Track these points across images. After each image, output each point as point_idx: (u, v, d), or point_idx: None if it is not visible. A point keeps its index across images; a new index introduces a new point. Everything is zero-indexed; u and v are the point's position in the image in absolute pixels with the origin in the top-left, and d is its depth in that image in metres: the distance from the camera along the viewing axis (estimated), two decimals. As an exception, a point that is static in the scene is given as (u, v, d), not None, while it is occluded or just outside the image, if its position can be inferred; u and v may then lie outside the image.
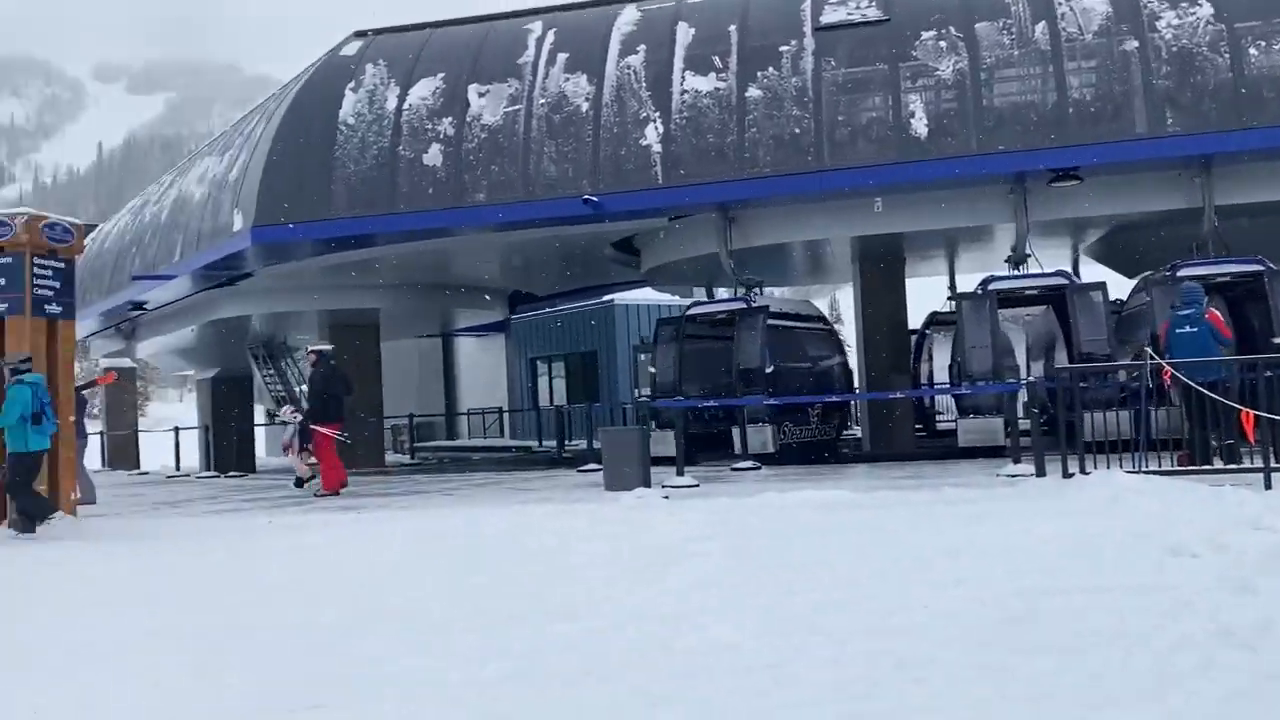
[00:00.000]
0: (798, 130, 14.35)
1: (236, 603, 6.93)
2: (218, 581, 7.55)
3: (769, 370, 14.77)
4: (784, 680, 4.87)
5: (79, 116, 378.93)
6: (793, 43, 14.67)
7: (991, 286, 14.74)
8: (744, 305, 15.78)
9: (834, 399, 15.75)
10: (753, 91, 14.49)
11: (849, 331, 21.89)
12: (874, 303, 17.64)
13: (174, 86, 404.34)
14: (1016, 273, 15.41)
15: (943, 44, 14.24)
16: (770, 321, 15.36)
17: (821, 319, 17.23)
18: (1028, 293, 15.62)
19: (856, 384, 19.34)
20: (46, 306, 11.16)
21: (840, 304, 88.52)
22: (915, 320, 19.88)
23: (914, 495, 8.85)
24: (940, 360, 19.46)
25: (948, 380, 17.61)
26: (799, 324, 16.68)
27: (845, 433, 18.34)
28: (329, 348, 14.16)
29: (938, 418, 20.46)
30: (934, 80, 14.15)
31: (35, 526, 10.32)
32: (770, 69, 14.53)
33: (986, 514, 7.57)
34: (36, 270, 11.02)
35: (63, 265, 11.47)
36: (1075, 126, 13.97)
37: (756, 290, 16.65)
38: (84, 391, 14.66)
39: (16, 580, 8.09)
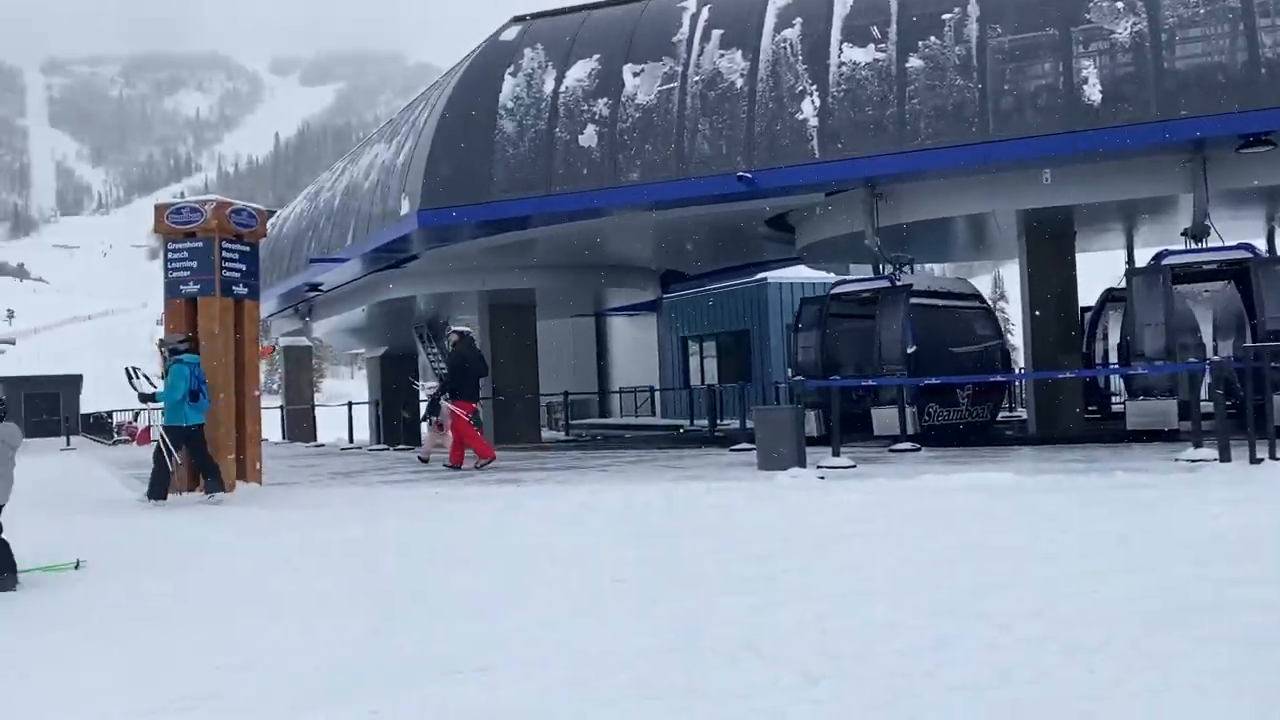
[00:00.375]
0: (960, 100, 13.86)
1: (406, 567, 7.28)
2: (388, 547, 7.94)
3: (910, 350, 14.43)
4: (945, 663, 4.78)
5: (257, 108, 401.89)
6: (956, 10, 14.15)
7: (1165, 261, 13.91)
8: (887, 284, 15.37)
9: (982, 379, 15.09)
10: (913, 62, 14.07)
11: (1014, 310, 21.02)
12: (1041, 279, 16.89)
13: (343, 77, 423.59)
14: (1194, 246, 14.47)
15: (1119, 5, 13.45)
16: (915, 300, 14.95)
17: (975, 297, 16.55)
18: (1206, 267, 14.63)
19: (1021, 363, 18.63)
20: (234, 288, 11.92)
21: (1005, 281, 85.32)
22: (1086, 297, 18.95)
23: (1083, 479, 8.48)
24: (1116, 339, 18.48)
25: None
26: (949, 302, 16.10)
27: (1002, 414, 17.57)
28: (468, 329, 14.66)
29: (1113, 399, 19.46)
30: (1109, 44, 13.37)
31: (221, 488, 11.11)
32: (932, 38, 14.06)
33: (1163, 500, 7.20)
34: (225, 254, 11.78)
35: (248, 249, 12.23)
36: (1268, 88, 12.97)
37: (905, 268, 16.24)
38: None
39: (212, 544, 8.71)
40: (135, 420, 29.87)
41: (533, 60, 16.98)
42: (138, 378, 11.70)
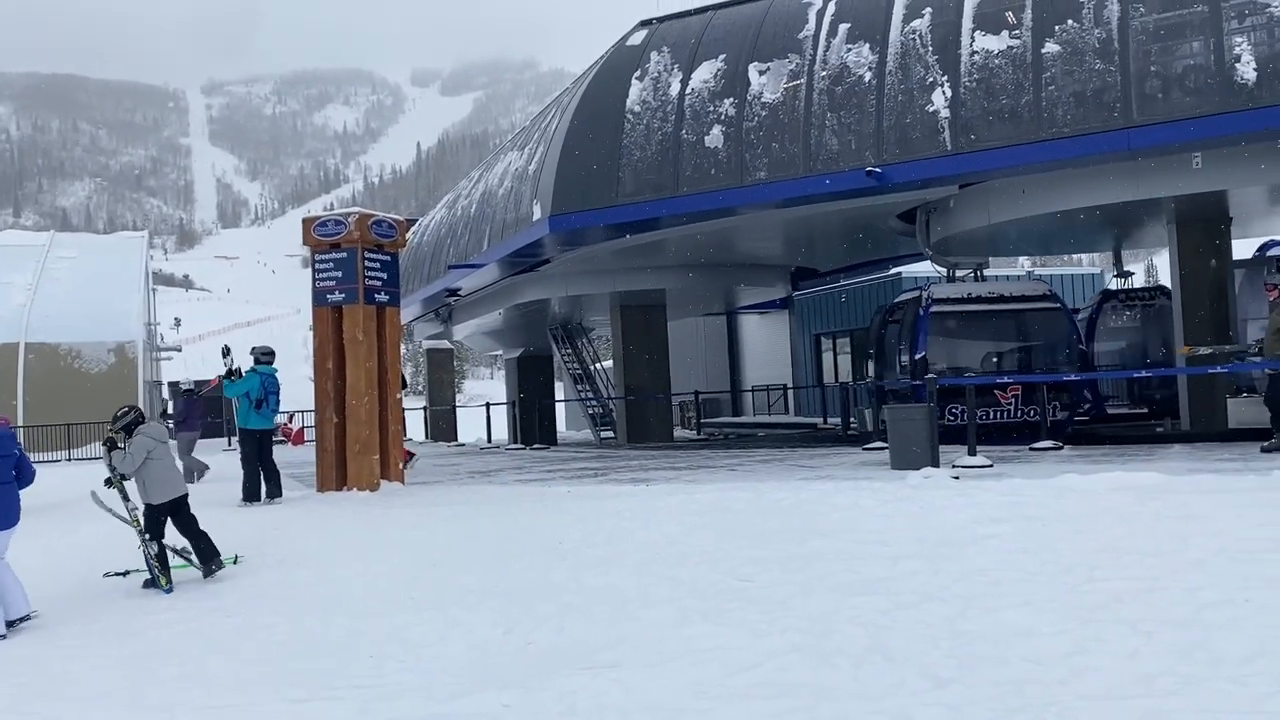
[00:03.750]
0: (1101, 85, 13.28)
1: (540, 563, 7.48)
2: (523, 544, 8.18)
3: (918, 355, 14.99)
4: (1082, 670, 4.65)
5: (399, 119, 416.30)
6: (1095, -10, 13.58)
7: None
8: (917, 293, 15.99)
9: (1021, 379, 14.60)
10: (1050, 47, 13.55)
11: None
12: (1193, 269, 16.02)
13: (479, 86, 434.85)
14: None
15: (1276, -25, 12.64)
16: (943, 308, 15.26)
17: (1045, 298, 16.08)
18: None
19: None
20: (376, 295, 12.44)
21: (1158, 270, 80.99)
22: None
23: (1236, 480, 8.03)
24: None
25: None
26: (996, 306, 15.73)
27: (1081, 413, 16.78)
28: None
29: None
30: (1265, 18, 12.56)
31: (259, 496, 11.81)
32: (1070, 21, 13.51)
33: (1328, 502, 6.77)
34: (367, 263, 12.31)
35: (388, 258, 12.74)
36: None
37: (971, 273, 16.86)
38: (202, 391, 16.75)
39: (357, 539, 9.15)
40: (290, 421, 31.40)
41: (659, 64, 17.11)
42: (228, 356, 12.70)
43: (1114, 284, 19.07)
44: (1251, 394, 12.78)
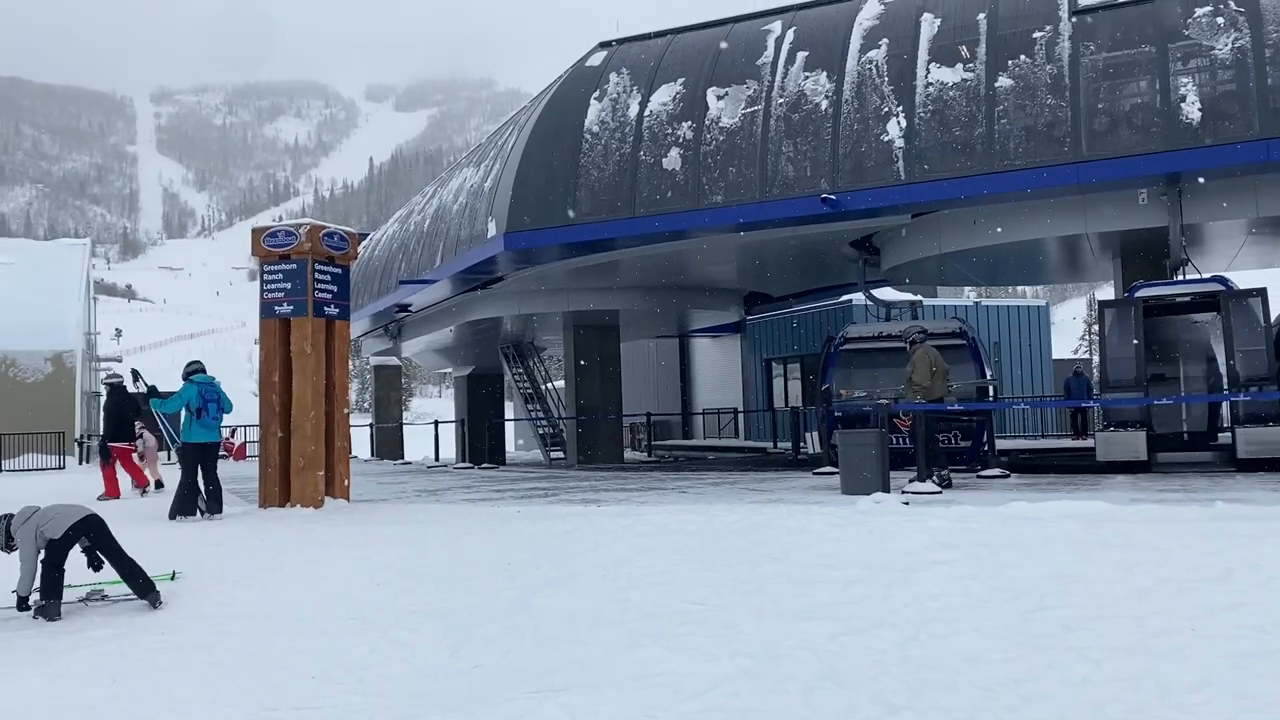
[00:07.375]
0: (1052, 120, 13.56)
1: (488, 585, 7.35)
2: (471, 565, 8.03)
3: (824, 387, 16.14)
4: (1032, 697, 4.65)
5: (352, 134, 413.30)
6: (1047, 28, 13.88)
7: (1139, 294, 13.76)
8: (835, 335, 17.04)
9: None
10: (1003, 81, 13.81)
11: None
12: (1137, 302, 16.37)
13: (434, 103, 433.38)
14: (1172, 279, 14.18)
15: (1220, 20, 13.02)
16: (850, 346, 16.29)
17: (953, 335, 16.45)
18: (1180, 300, 14.15)
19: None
20: (326, 308, 12.22)
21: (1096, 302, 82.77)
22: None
23: (1182, 510, 8.15)
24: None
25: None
26: (901, 344, 16.30)
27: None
28: (120, 380, 15.13)
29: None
30: (1209, 60, 12.95)
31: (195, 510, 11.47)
32: (1022, 57, 13.79)
33: (1270, 533, 6.88)
34: (317, 276, 12.09)
35: (340, 271, 12.53)
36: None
37: (901, 311, 18.02)
38: None
39: (299, 558, 8.93)
40: (232, 436, 30.78)
41: (618, 85, 17.15)
42: (139, 380, 12.40)
43: None
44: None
